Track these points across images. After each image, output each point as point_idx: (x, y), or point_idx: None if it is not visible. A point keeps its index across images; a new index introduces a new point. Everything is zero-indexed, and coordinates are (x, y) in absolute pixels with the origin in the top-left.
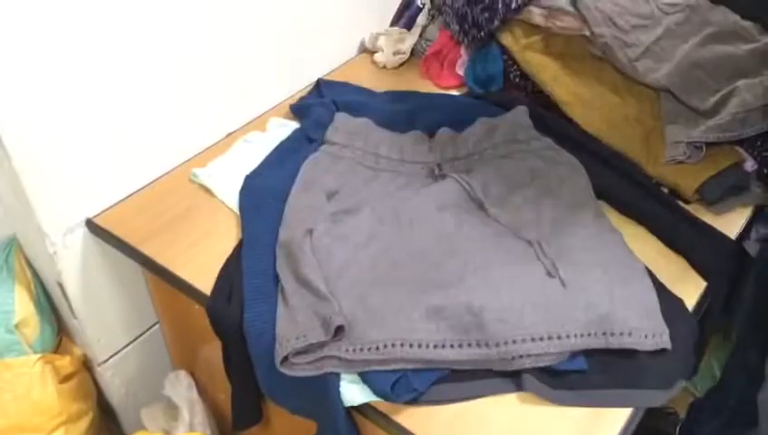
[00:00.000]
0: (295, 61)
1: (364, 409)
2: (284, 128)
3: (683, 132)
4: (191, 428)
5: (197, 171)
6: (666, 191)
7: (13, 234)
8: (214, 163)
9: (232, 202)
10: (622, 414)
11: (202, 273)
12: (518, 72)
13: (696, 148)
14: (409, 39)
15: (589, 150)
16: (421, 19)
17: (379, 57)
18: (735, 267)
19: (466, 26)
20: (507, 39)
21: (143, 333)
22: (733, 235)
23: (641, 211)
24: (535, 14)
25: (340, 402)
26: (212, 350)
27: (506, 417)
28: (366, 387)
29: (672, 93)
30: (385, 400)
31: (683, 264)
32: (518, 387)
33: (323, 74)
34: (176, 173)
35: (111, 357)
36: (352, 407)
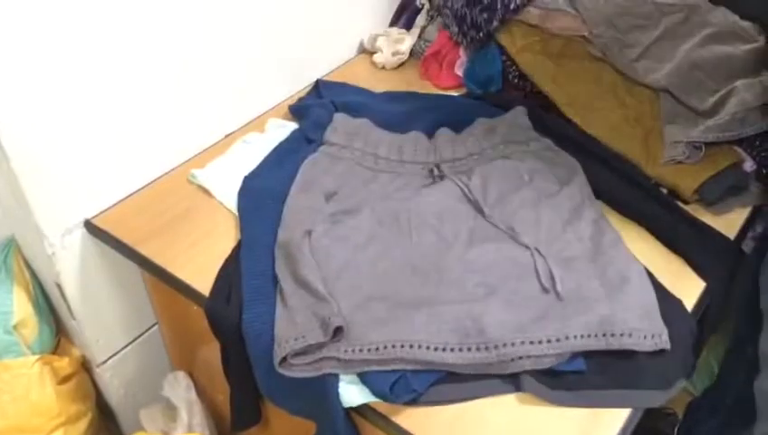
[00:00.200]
0: (294, 61)
1: (363, 409)
2: (283, 129)
3: (682, 132)
4: (190, 429)
5: (196, 172)
6: (665, 192)
7: (11, 235)
8: (212, 164)
9: (231, 203)
10: (621, 415)
11: (201, 274)
12: (517, 73)
13: (696, 148)
14: (408, 40)
15: (588, 151)
16: (420, 20)
17: (378, 58)
18: (734, 268)
19: (465, 27)
20: (506, 40)
21: (142, 334)
22: (732, 235)
23: (640, 212)
24: (534, 15)
25: (339, 403)
26: (211, 351)
27: (505, 417)
28: (365, 388)
29: (671, 94)
30: (384, 400)
31: (682, 264)
32: (517, 388)
33: (322, 75)
34: (174, 174)
35: (110, 358)
36: (351, 408)
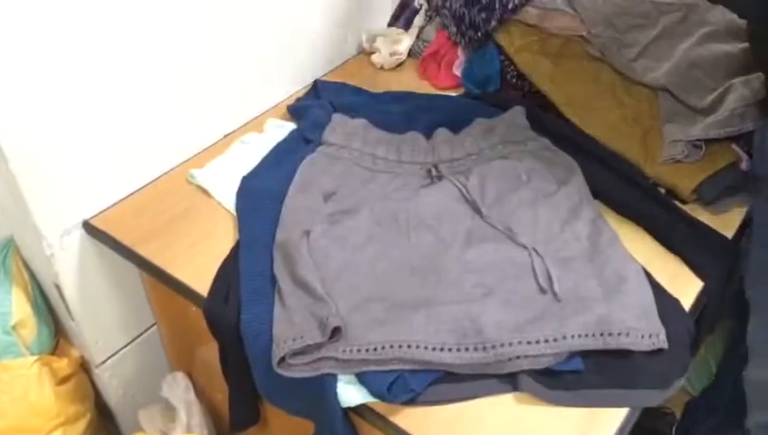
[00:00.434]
0: (293, 62)
1: (361, 409)
2: (282, 129)
3: (681, 131)
4: (189, 429)
5: (195, 172)
6: (663, 191)
7: (10, 235)
8: (211, 164)
9: (229, 203)
10: (618, 414)
11: (199, 274)
12: (515, 73)
13: (695, 147)
14: (407, 40)
15: (586, 151)
16: (418, 20)
17: (377, 58)
18: (732, 267)
19: (464, 27)
20: (504, 40)
21: (141, 335)
22: (729, 234)
23: (638, 211)
24: (532, 15)
25: (337, 403)
26: (209, 351)
27: (503, 417)
28: (363, 388)
29: (670, 92)
30: (382, 400)
31: (679, 264)
32: (514, 387)
33: (320, 75)
34: (173, 174)
35: (109, 359)
36: (349, 408)
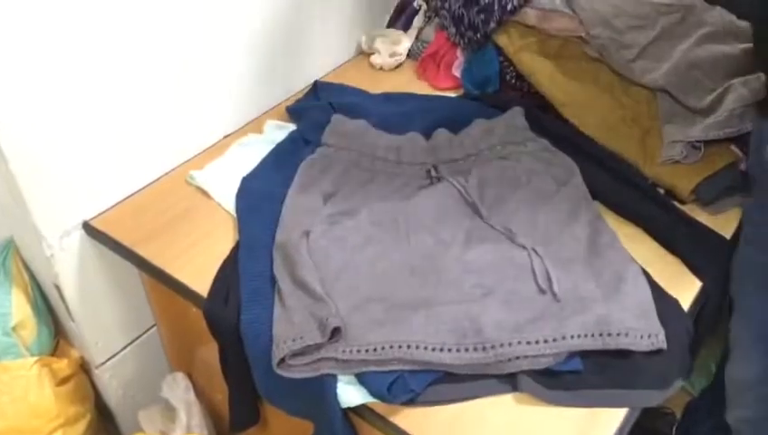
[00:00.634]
0: (292, 63)
1: (361, 410)
2: (281, 130)
3: (680, 132)
4: (189, 429)
5: (194, 173)
6: (662, 192)
7: (10, 236)
8: (211, 165)
9: (229, 204)
10: (618, 414)
11: (199, 275)
12: (514, 74)
13: (694, 148)
14: (406, 41)
15: (585, 152)
16: (417, 21)
17: (376, 59)
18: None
19: (463, 28)
20: (503, 40)
21: (140, 336)
22: (728, 235)
23: (637, 212)
24: (531, 16)
25: (337, 404)
26: (209, 352)
27: (503, 417)
28: (363, 388)
29: (669, 93)
30: (382, 401)
31: (678, 264)
32: (514, 388)
33: (320, 76)
34: (172, 175)
35: (109, 359)
36: (349, 408)
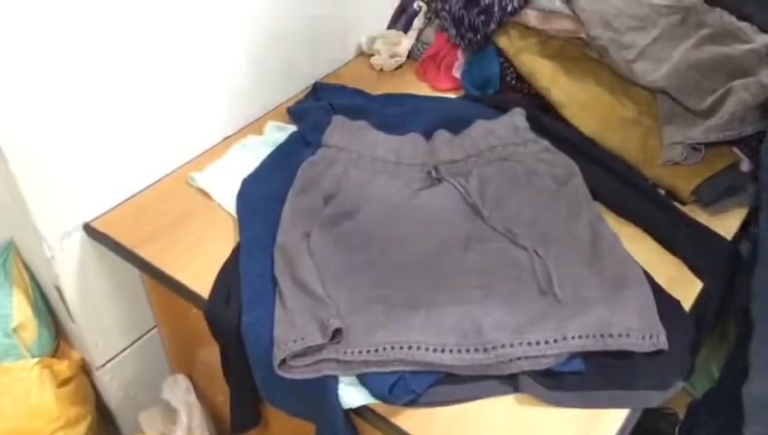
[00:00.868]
0: (292, 64)
1: (362, 411)
2: (282, 131)
3: (680, 133)
4: (189, 431)
5: (195, 175)
6: (663, 193)
7: (10, 237)
8: (211, 167)
9: (229, 205)
10: (619, 415)
11: (200, 276)
12: (514, 75)
13: (695, 149)
14: (406, 42)
15: (585, 153)
16: (418, 22)
17: (376, 60)
18: (731, 268)
19: (463, 29)
20: (503, 41)
21: (141, 337)
22: (729, 235)
23: (638, 213)
24: (531, 17)
25: (338, 405)
26: (210, 353)
27: (504, 418)
28: (364, 389)
29: (669, 95)
30: (383, 402)
31: (679, 265)
32: (515, 388)
33: (320, 77)
34: (173, 176)
35: (110, 361)
36: (351, 409)
